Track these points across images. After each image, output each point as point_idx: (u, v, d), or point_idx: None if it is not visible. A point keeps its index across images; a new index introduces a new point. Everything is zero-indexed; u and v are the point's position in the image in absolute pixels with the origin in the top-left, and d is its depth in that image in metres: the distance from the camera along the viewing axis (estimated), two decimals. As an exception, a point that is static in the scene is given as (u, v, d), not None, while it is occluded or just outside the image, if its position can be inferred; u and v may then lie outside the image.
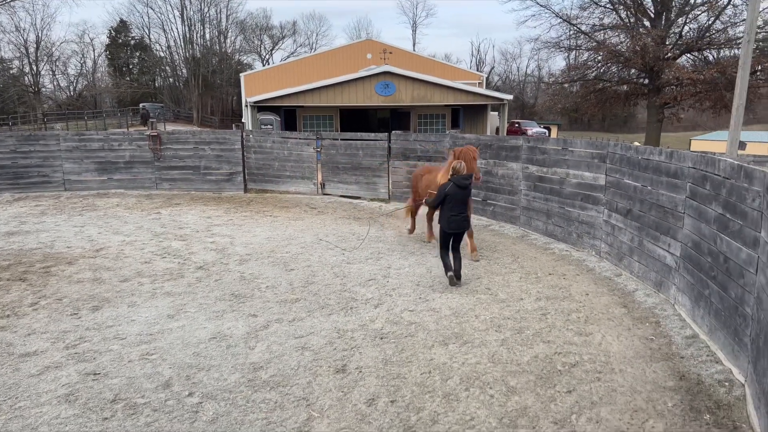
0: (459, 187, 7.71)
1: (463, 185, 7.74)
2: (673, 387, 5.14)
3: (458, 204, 7.70)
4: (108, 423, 4.44)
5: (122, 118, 48.83)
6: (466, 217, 7.87)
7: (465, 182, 7.76)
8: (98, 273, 8.44)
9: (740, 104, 13.56)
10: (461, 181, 7.74)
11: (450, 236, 7.81)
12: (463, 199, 7.75)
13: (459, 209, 7.73)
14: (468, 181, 7.81)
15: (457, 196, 7.68)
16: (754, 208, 4.93)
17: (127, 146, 16.54)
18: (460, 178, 7.75)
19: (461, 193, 7.72)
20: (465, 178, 7.79)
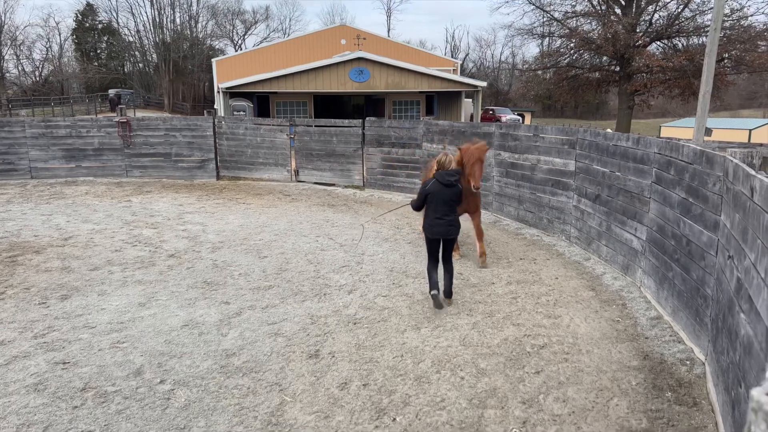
0: (443, 185, 6.47)
1: (448, 183, 6.47)
2: (637, 366, 5.30)
3: (443, 205, 6.47)
4: (78, 411, 4.41)
5: (90, 104, 47.68)
6: (452, 222, 6.54)
7: (450, 179, 6.49)
8: (67, 262, 8.31)
9: (707, 91, 13.85)
10: (446, 177, 6.50)
11: (435, 244, 6.66)
12: (449, 199, 6.49)
13: (444, 211, 6.48)
14: (454, 179, 6.55)
15: (442, 196, 6.47)
16: (715, 192, 5.08)
17: (96, 133, 16.19)
18: (445, 174, 6.52)
19: (447, 193, 6.48)
20: (450, 175, 6.57)
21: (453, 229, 6.55)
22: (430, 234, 6.56)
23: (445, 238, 6.55)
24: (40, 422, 4.25)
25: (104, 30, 65.67)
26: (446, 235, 6.53)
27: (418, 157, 13.73)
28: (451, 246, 6.72)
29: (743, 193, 4.00)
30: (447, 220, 6.50)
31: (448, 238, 6.57)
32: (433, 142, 13.23)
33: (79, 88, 62.53)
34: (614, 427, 4.32)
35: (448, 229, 6.52)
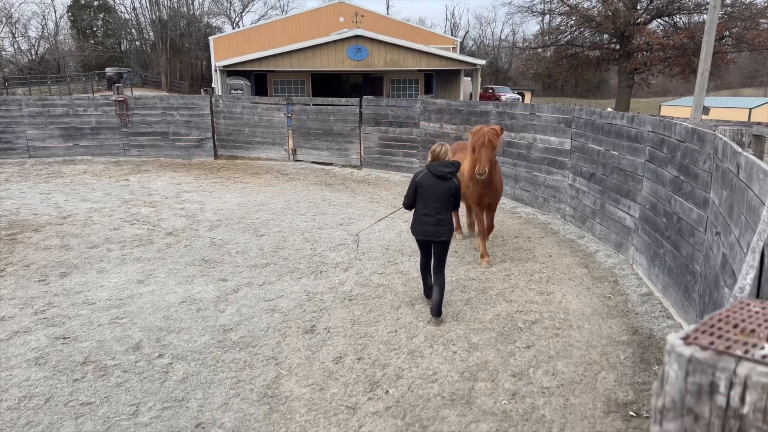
0: (436, 177, 5.54)
1: (442, 175, 5.52)
2: (626, 341, 5.41)
3: (433, 201, 5.53)
4: (78, 384, 4.52)
5: (87, 82, 47.35)
6: (443, 221, 5.56)
7: (443, 171, 5.53)
8: (66, 240, 8.38)
9: (705, 69, 13.82)
10: (438, 169, 5.54)
11: (423, 246, 5.82)
12: (441, 194, 5.53)
13: (434, 208, 5.54)
14: (449, 170, 5.55)
15: (434, 190, 5.52)
16: (705, 169, 5.14)
17: (93, 112, 16.15)
18: (438, 165, 5.57)
19: (438, 186, 5.52)
20: (445, 166, 5.57)
21: (443, 229, 5.55)
22: (416, 234, 5.69)
23: (434, 240, 5.60)
24: (42, 394, 4.36)
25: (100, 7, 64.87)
26: (435, 237, 5.57)
27: (415, 136, 13.73)
28: (443, 251, 5.71)
29: (730, 170, 4.06)
30: (437, 219, 5.53)
31: (438, 241, 5.60)
32: (431, 121, 13.23)
33: (76, 66, 61.99)
34: (601, 399, 4.44)
35: (437, 230, 5.54)
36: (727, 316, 0.70)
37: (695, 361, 0.62)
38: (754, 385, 0.58)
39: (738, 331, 0.66)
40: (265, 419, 4.12)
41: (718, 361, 0.61)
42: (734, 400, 0.60)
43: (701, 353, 0.62)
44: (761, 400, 0.58)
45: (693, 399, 0.62)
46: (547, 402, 4.38)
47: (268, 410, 4.23)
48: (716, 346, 0.63)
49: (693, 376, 0.62)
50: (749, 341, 0.64)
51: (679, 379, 0.63)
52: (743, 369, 0.59)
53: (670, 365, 0.64)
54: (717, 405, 0.61)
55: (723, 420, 0.61)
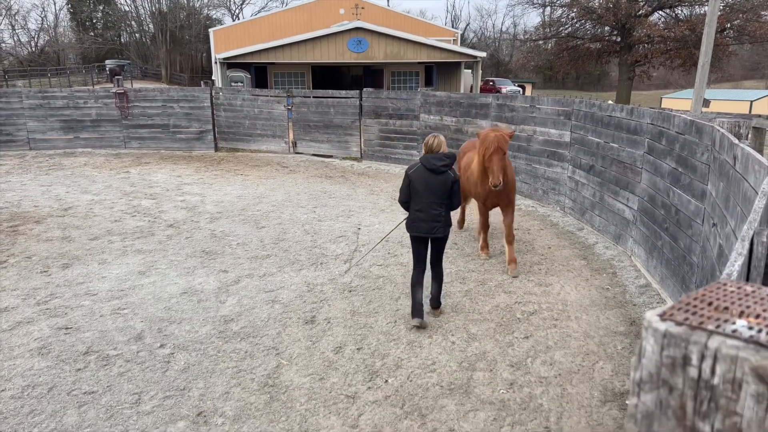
0: (429, 170, 5.26)
1: (435, 169, 5.23)
2: (623, 332, 5.46)
3: (428, 195, 5.26)
4: (81, 373, 4.57)
5: (87, 75, 47.27)
6: (438, 216, 5.27)
7: (437, 164, 5.24)
8: (67, 231, 8.43)
9: (705, 62, 13.80)
10: (432, 162, 5.25)
11: (419, 244, 5.46)
12: (436, 189, 5.26)
13: (428, 204, 5.27)
14: (443, 164, 5.25)
15: (427, 184, 5.26)
16: (703, 161, 5.16)
17: (93, 104, 16.15)
18: (431, 158, 5.29)
19: (432, 180, 5.25)
20: (439, 159, 5.27)
21: (438, 225, 5.29)
22: (411, 231, 5.41)
23: (430, 236, 5.36)
24: (45, 383, 4.42)
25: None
26: (430, 233, 5.31)
27: (415, 128, 13.74)
28: (440, 247, 5.50)
29: (727, 162, 4.09)
30: (431, 215, 5.26)
31: (434, 237, 5.36)
32: (431, 114, 13.23)
33: (76, 58, 61.85)
34: (598, 389, 4.49)
35: (432, 226, 5.28)
36: (703, 295, 0.74)
37: (669, 336, 0.66)
38: (724, 358, 0.62)
39: (712, 309, 0.70)
40: (265, 408, 4.17)
41: (691, 335, 0.64)
42: (705, 372, 0.63)
43: (675, 328, 0.66)
44: (730, 371, 0.62)
45: (668, 371, 0.66)
46: (544, 391, 4.43)
47: (269, 399, 4.28)
48: (690, 322, 0.66)
49: (668, 350, 0.66)
50: (722, 317, 0.67)
51: (655, 353, 0.67)
52: (714, 342, 0.63)
53: (647, 340, 0.67)
54: (690, 377, 0.65)
55: (695, 390, 0.65)
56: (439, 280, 5.63)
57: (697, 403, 0.64)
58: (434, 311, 5.72)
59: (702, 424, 0.64)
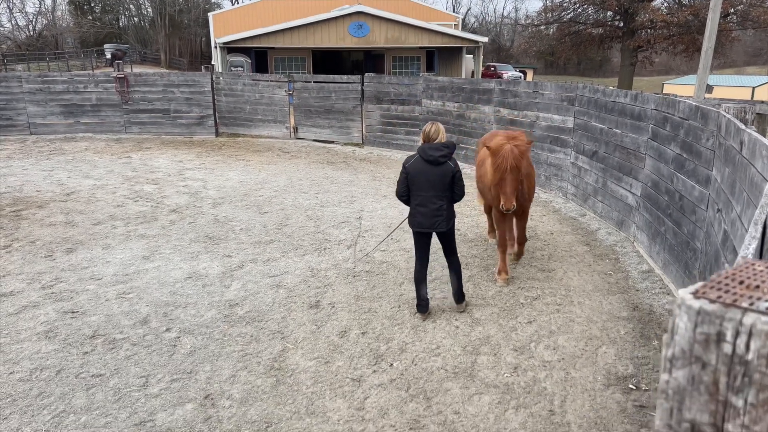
0: (426, 161, 4.96)
1: (434, 160, 4.93)
2: (626, 317, 5.49)
3: (427, 188, 4.97)
4: (88, 357, 4.60)
5: (86, 59, 46.99)
6: (439, 210, 5.02)
7: (434, 155, 4.93)
8: (70, 216, 8.43)
9: (709, 47, 13.73)
10: (429, 153, 4.95)
11: (422, 240, 5.25)
12: (434, 181, 4.96)
13: (426, 197, 5.00)
14: (441, 154, 4.94)
15: (426, 176, 4.96)
16: (708, 147, 5.16)
17: (93, 89, 16.07)
18: (428, 149, 4.97)
19: (431, 172, 4.94)
20: (436, 149, 4.95)
21: (440, 220, 5.05)
22: (412, 226, 5.19)
23: (431, 231, 5.14)
24: (53, 366, 4.45)
25: (97, -18, 63.98)
26: (433, 228, 5.08)
27: (417, 114, 13.70)
28: (450, 240, 5.29)
29: (733, 148, 4.09)
30: (432, 209, 5.01)
31: (438, 231, 5.15)
32: (433, 99, 13.18)
33: (74, 42, 61.40)
34: (601, 372, 4.53)
35: (433, 221, 5.04)
36: (734, 274, 0.75)
37: (704, 313, 0.67)
38: (759, 333, 0.63)
39: (744, 287, 0.71)
40: (272, 391, 4.21)
41: (726, 313, 0.66)
42: (740, 347, 0.65)
43: (710, 306, 0.67)
44: (765, 347, 0.63)
45: (701, 348, 0.67)
46: (548, 375, 4.47)
47: (275, 382, 4.32)
48: (723, 300, 0.67)
49: (701, 327, 0.67)
50: (754, 295, 0.68)
51: (688, 330, 0.68)
52: (749, 319, 0.64)
53: (680, 317, 0.68)
54: (723, 353, 0.66)
55: (729, 366, 0.66)
56: (457, 271, 5.40)
57: (730, 378, 0.66)
58: (459, 306, 5.46)
59: (735, 398, 0.66)
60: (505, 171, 5.40)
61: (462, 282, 5.48)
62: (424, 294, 5.35)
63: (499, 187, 5.52)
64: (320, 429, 3.81)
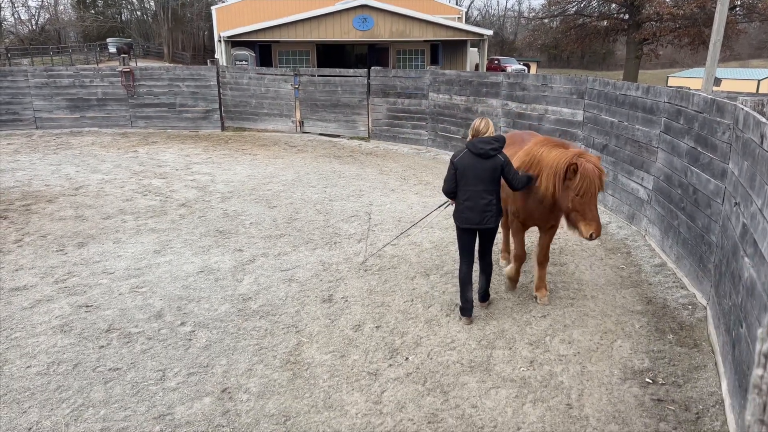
0: (477, 155, 4.85)
1: (484, 153, 4.82)
2: (640, 311, 5.48)
3: (476, 183, 4.86)
4: (104, 350, 4.61)
5: (89, 53, 46.93)
6: (488, 206, 4.88)
7: (485, 149, 4.82)
8: (80, 210, 8.44)
9: (717, 40, 13.62)
10: (479, 146, 4.84)
11: (467, 237, 5.08)
12: (484, 176, 4.85)
13: (476, 192, 4.87)
14: (491, 147, 4.82)
15: (475, 171, 4.86)
16: (724, 140, 5.13)
17: (99, 83, 16.06)
18: (478, 142, 4.85)
19: (480, 166, 4.84)
20: (487, 143, 4.84)
21: (489, 215, 4.91)
22: (459, 222, 5.02)
23: (479, 228, 4.98)
24: (70, 360, 4.46)
25: (100, -24, 63.81)
26: (481, 224, 4.93)
27: (424, 107, 13.65)
28: (490, 238, 5.15)
29: (753, 141, 4.06)
30: (481, 204, 4.88)
31: (484, 228, 4.99)
32: (440, 93, 13.13)
33: (76, 37, 61.31)
34: (618, 366, 4.52)
35: (483, 216, 4.90)
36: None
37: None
38: None
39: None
40: (289, 384, 4.21)
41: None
42: None
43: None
44: None
45: (802, 343, 0.66)
46: (564, 369, 4.47)
47: (292, 376, 4.32)
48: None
49: (803, 321, 0.66)
50: None
51: (787, 324, 0.67)
52: None
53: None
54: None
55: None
56: (487, 272, 5.30)
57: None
58: (482, 304, 5.44)
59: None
60: (593, 194, 4.77)
61: (489, 283, 5.40)
62: (470, 296, 5.15)
63: (581, 214, 4.80)
64: (339, 423, 3.81)
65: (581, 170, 4.70)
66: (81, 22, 60.13)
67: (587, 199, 4.74)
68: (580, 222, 4.82)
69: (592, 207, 4.78)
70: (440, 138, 13.33)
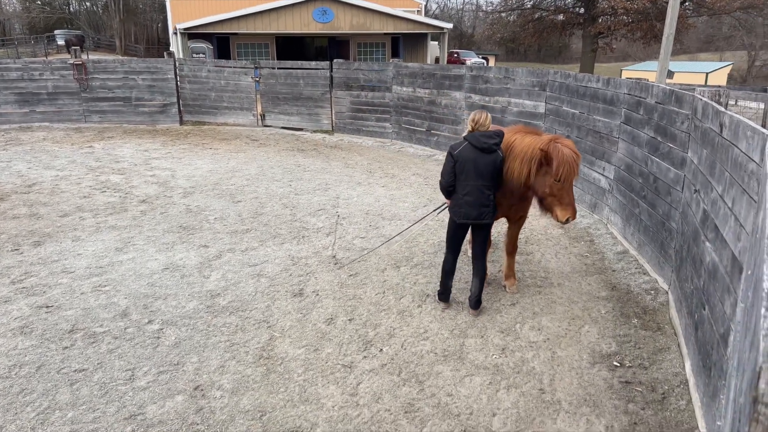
0: (478, 149, 4.74)
1: (486, 147, 4.73)
2: (605, 297, 5.63)
3: (475, 177, 4.75)
4: (69, 351, 4.46)
5: (37, 46, 45.10)
6: (487, 201, 4.82)
7: (488, 143, 4.74)
8: (34, 208, 8.12)
9: (670, 33, 14.07)
10: (482, 140, 4.74)
11: (460, 231, 5.03)
12: (483, 170, 4.75)
13: (475, 186, 4.77)
14: (493, 142, 4.75)
15: (476, 165, 4.74)
16: (683, 130, 5.30)
17: (49, 76, 15.45)
18: (480, 136, 4.77)
19: (481, 160, 4.74)
20: (489, 137, 4.77)
21: (487, 210, 4.83)
22: (456, 216, 4.92)
23: (476, 223, 4.90)
24: (32, 362, 4.30)
25: (46, -35, 61.28)
26: (478, 219, 4.84)
27: (388, 100, 13.64)
28: (484, 235, 5.02)
29: (712, 130, 4.20)
30: (480, 199, 4.78)
31: (481, 223, 4.91)
32: (403, 85, 13.14)
33: (22, 29, 58.81)
34: (586, 351, 4.63)
35: (481, 211, 4.81)
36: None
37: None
38: None
39: None
40: (263, 380, 4.16)
41: None
42: None
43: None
44: None
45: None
46: (535, 355, 4.55)
47: (266, 371, 4.27)
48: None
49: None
50: None
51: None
52: None
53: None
54: None
55: None
56: (481, 276, 5.10)
57: None
58: (473, 312, 5.17)
59: None
60: (568, 180, 4.74)
61: (482, 288, 5.18)
62: (449, 285, 5.29)
63: (558, 199, 4.79)
64: (315, 416, 3.79)
65: (560, 155, 4.67)
66: (27, 14, 57.69)
67: (566, 184, 4.73)
68: (556, 207, 4.82)
69: (570, 192, 4.79)
70: (404, 131, 13.35)
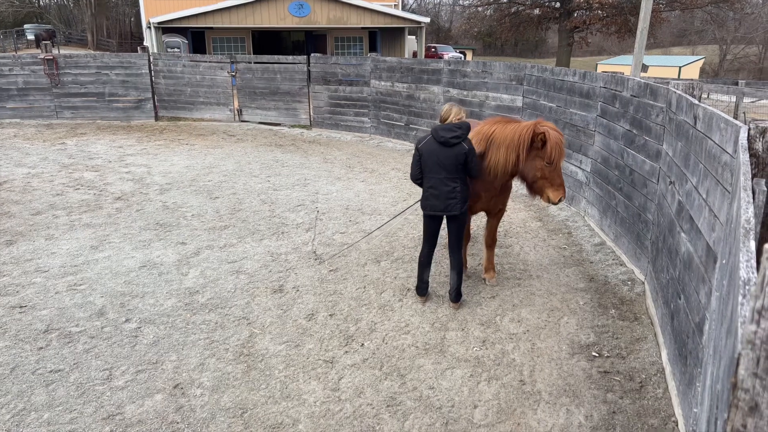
0: (439, 143, 4.77)
1: (445, 141, 4.74)
2: (583, 288, 5.70)
3: (439, 170, 4.79)
4: (44, 352, 4.37)
5: (5, 41, 44.00)
6: (453, 193, 4.83)
7: (447, 136, 4.74)
8: (6, 207, 7.93)
9: (644, 27, 14.26)
10: (440, 134, 4.76)
11: (432, 223, 5.10)
12: (446, 163, 4.76)
13: (439, 179, 4.82)
14: (454, 135, 4.73)
15: (438, 158, 4.77)
16: (658, 123, 5.37)
17: (19, 71, 15.08)
18: (441, 130, 4.78)
19: (443, 154, 4.76)
20: (449, 131, 4.75)
21: (454, 202, 4.85)
22: (424, 209, 5.02)
23: (444, 214, 4.95)
24: (6, 363, 4.20)
25: (13, -43, 59.69)
26: (446, 211, 4.89)
27: (366, 95, 13.60)
28: (459, 227, 5.03)
29: (686, 122, 4.27)
30: (444, 191, 4.83)
31: (450, 215, 4.94)
32: (382, 80, 13.11)
33: (-10, 23, 57.25)
34: (565, 342, 4.69)
35: (447, 203, 4.86)
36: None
37: (802, 263, 0.68)
38: None
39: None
40: (244, 377, 4.13)
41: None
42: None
43: (806, 256, 0.69)
44: None
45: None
46: (515, 347, 4.59)
47: (246, 368, 4.24)
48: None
49: (798, 277, 0.69)
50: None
51: (782, 281, 0.70)
52: None
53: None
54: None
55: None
56: (458, 269, 5.14)
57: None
58: (453, 305, 5.20)
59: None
60: (559, 161, 4.85)
61: (461, 281, 5.20)
62: (426, 278, 5.27)
63: (549, 181, 4.88)
64: (297, 411, 3.78)
65: (550, 138, 4.76)
66: (-6, 7, 56.17)
67: (557, 166, 4.84)
68: (547, 189, 4.91)
69: (560, 173, 4.92)
70: (383, 125, 13.33)
